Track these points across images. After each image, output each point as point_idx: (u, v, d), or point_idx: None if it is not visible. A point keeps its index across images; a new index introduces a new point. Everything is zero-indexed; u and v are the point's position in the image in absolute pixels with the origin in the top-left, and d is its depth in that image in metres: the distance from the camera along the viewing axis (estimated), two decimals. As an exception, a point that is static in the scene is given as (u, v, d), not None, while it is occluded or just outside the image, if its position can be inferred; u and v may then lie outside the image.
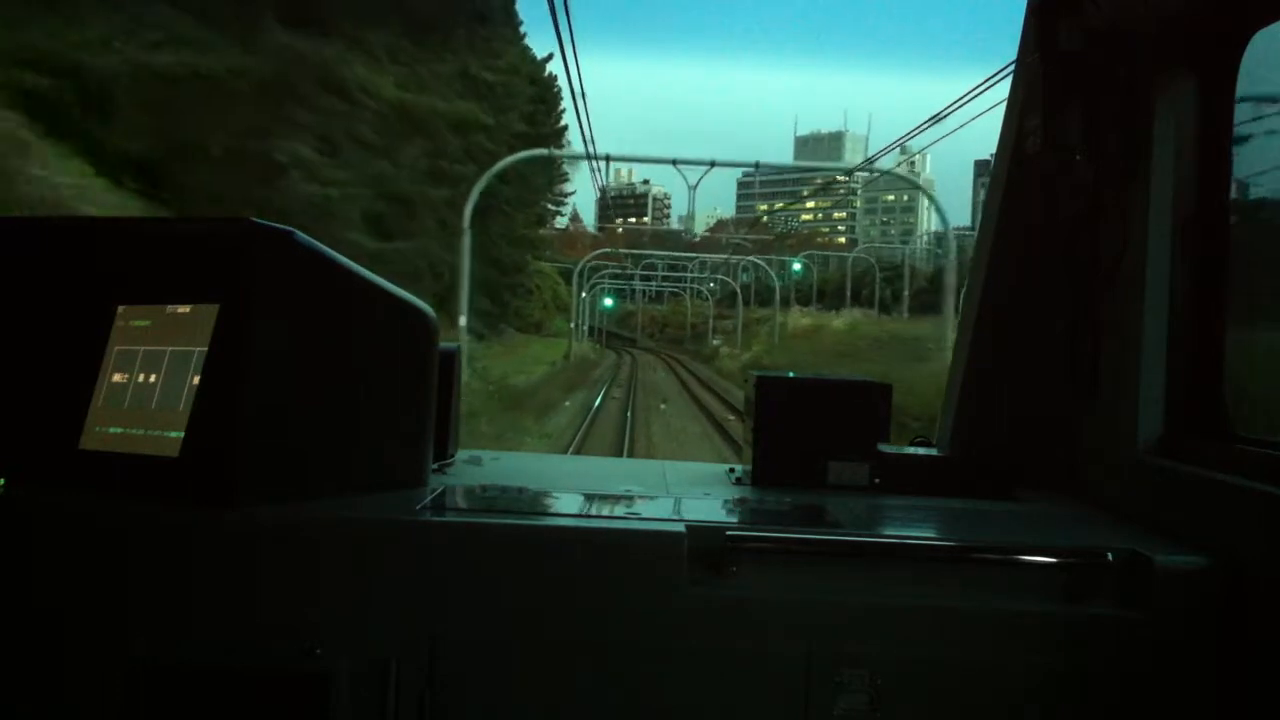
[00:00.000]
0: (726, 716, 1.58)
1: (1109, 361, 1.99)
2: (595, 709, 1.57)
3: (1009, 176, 2.19)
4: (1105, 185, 2.00)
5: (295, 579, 1.56)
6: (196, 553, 1.56)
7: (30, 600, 1.57)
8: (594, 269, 66.26)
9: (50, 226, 1.86)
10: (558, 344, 47.56)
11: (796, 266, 63.75)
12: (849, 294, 62.30)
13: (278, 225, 1.64)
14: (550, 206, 50.71)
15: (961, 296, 2.49)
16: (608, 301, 74.15)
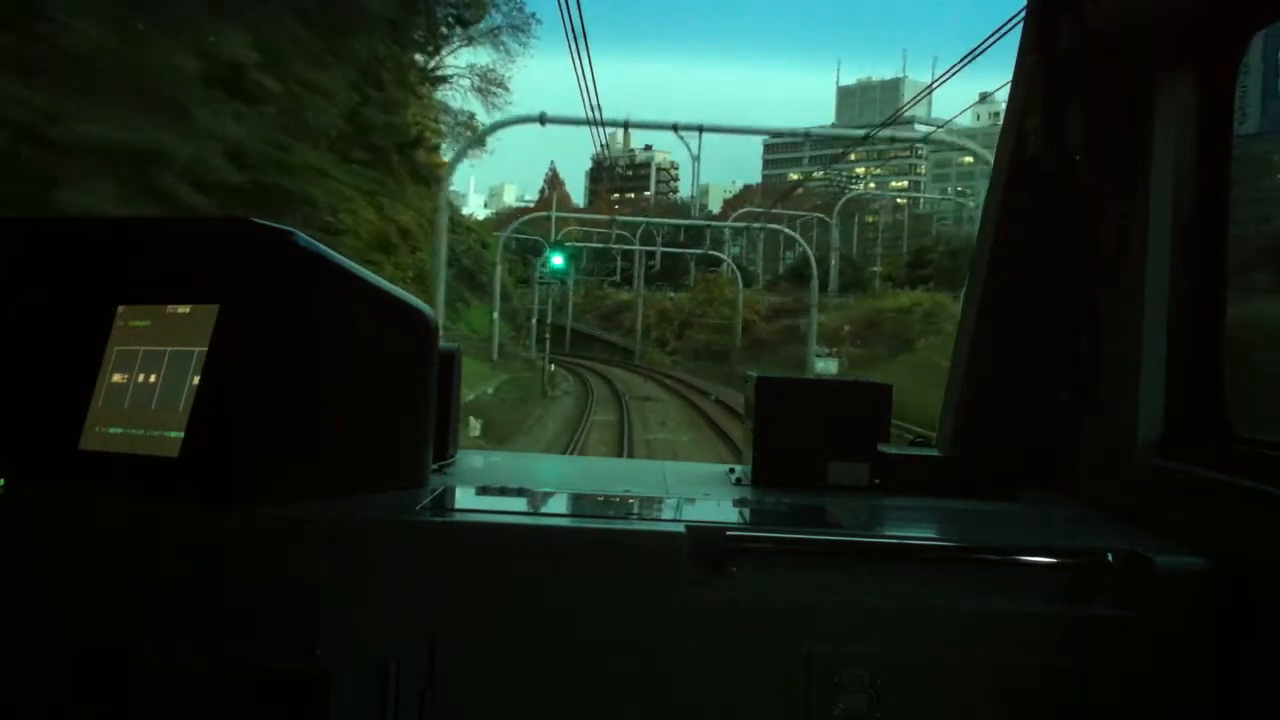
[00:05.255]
0: (726, 716, 1.58)
1: (1109, 361, 1.99)
2: (595, 709, 1.57)
3: (1009, 176, 2.19)
4: (1105, 185, 2.00)
5: (295, 579, 1.56)
6: (196, 553, 1.56)
7: (30, 600, 1.57)
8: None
9: (50, 227, 1.86)
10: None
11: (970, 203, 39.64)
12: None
13: (278, 225, 1.64)
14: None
15: (962, 296, 2.49)
16: (556, 261, 35.13)
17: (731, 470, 2.24)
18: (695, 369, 39.36)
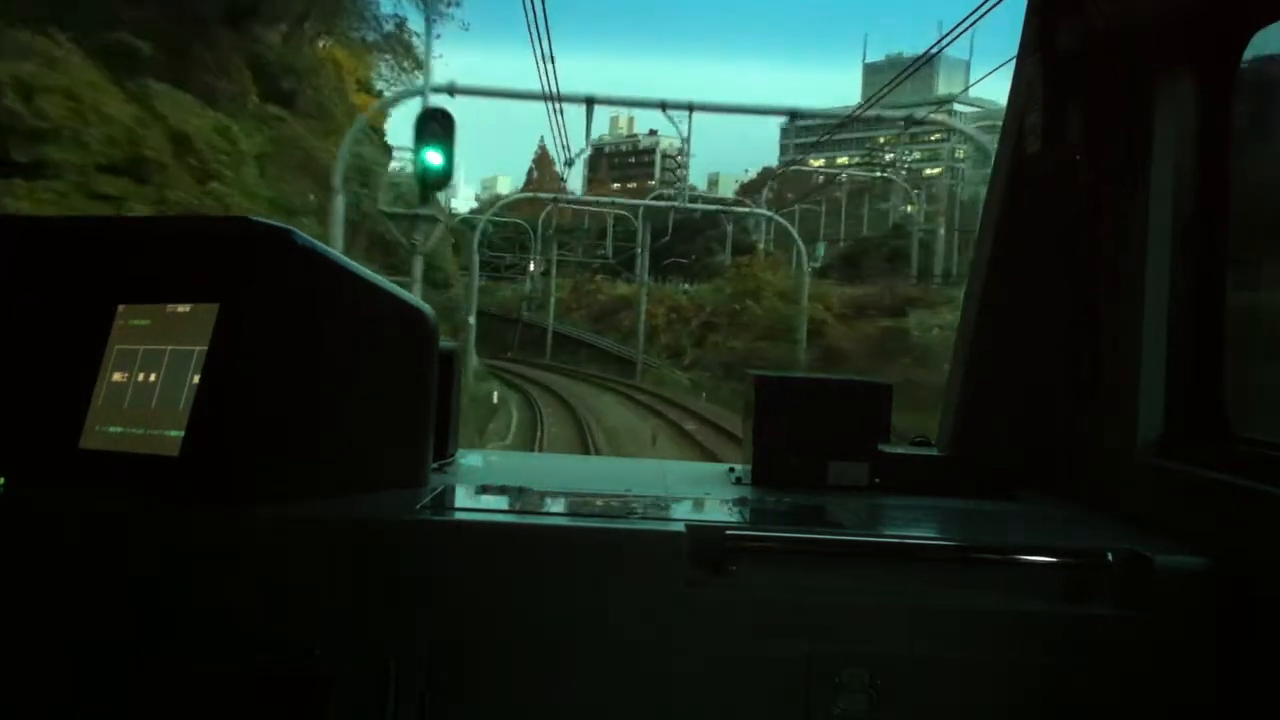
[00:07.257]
0: (726, 716, 1.58)
1: (1109, 361, 1.99)
2: (595, 709, 1.57)
3: (1009, 176, 2.19)
4: (1105, 185, 2.00)
5: (295, 579, 1.56)
6: (196, 552, 1.56)
7: (30, 600, 1.57)
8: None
9: (50, 226, 1.86)
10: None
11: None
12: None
13: (277, 224, 1.65)
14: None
15: (962, 297, 2.49)
16: (433, 158, 11.67)
17: (731, 470, 2.24)
18: (733, 398, 22.54)
